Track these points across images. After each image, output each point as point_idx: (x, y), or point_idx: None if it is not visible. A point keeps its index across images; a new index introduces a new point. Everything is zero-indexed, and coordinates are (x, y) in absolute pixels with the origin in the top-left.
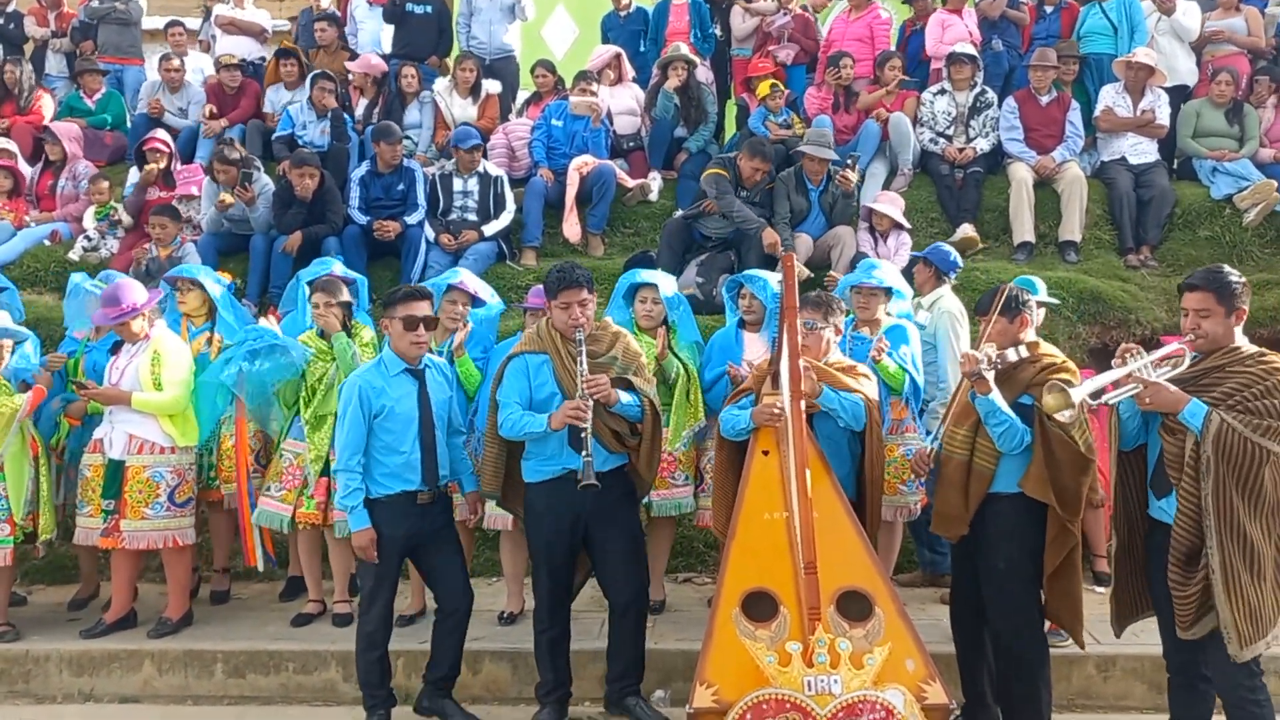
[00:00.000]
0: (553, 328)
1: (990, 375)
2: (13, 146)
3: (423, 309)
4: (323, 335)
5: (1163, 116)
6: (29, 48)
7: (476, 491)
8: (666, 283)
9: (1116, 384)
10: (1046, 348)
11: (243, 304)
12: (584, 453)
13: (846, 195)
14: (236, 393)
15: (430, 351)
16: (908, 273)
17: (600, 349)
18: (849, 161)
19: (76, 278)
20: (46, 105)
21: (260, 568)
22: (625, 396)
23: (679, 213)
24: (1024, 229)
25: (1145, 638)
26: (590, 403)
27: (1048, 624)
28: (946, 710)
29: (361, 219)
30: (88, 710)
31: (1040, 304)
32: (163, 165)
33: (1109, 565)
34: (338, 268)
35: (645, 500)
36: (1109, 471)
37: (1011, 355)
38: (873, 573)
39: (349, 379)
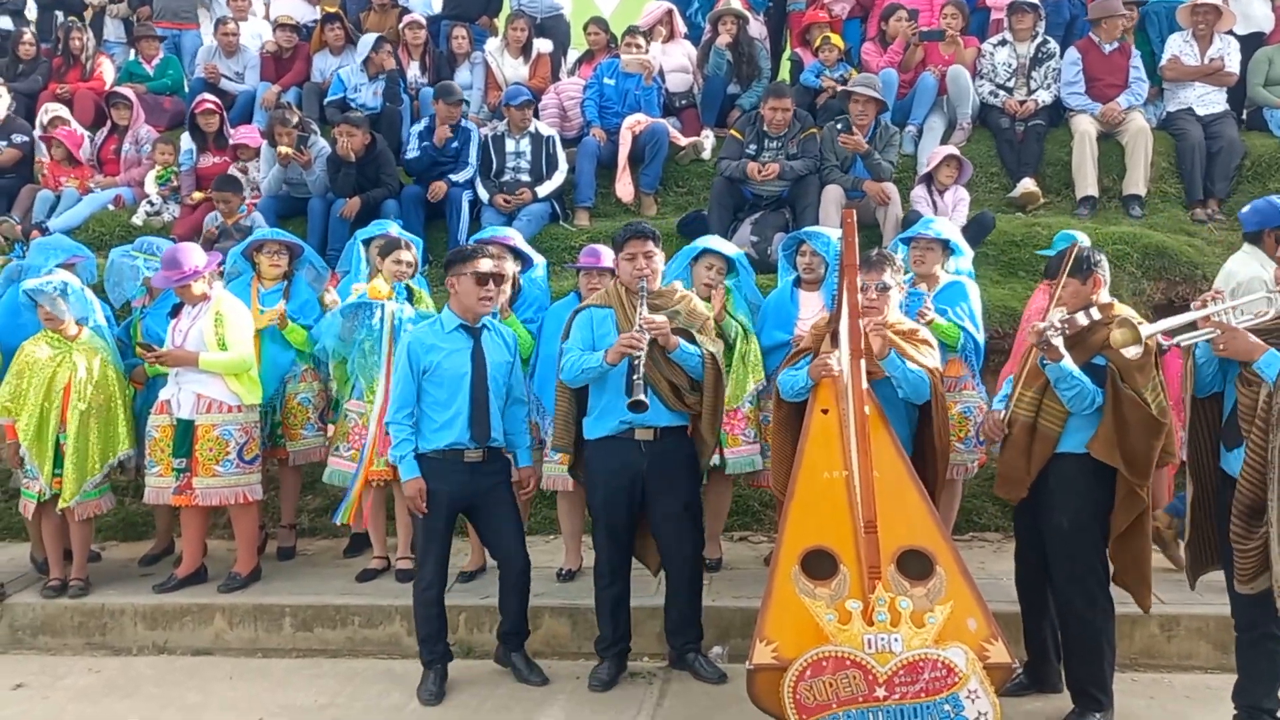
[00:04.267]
0: (619, 283)
1: (1059, 341)
2: (64, 112)
3: (490, 264)
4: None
5: (1232, 64)
6: (88, 15)
7: (531, 467)
8: (732, 250)
9: (1194, 326)
10: (1121, 308)
11: None
12: (635, 375)
13: (864, 155)
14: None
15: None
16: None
17: (664, 303)
18: (838, 125)
19: (115, 252)
20: (107, 71)
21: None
22: (685, 344)
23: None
24: (1087, 183)
25: (1210, 597)
26: (646, 336)
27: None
28: (1009, 669)
29: (414, 154)
30: (162, 662)
31: None
32: (215, 127)
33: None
34: (394, 229)
35: (718, 459)
36: (1177, 430)
37: (1082, 319)
38: (934, 532)
39: (404, 336)
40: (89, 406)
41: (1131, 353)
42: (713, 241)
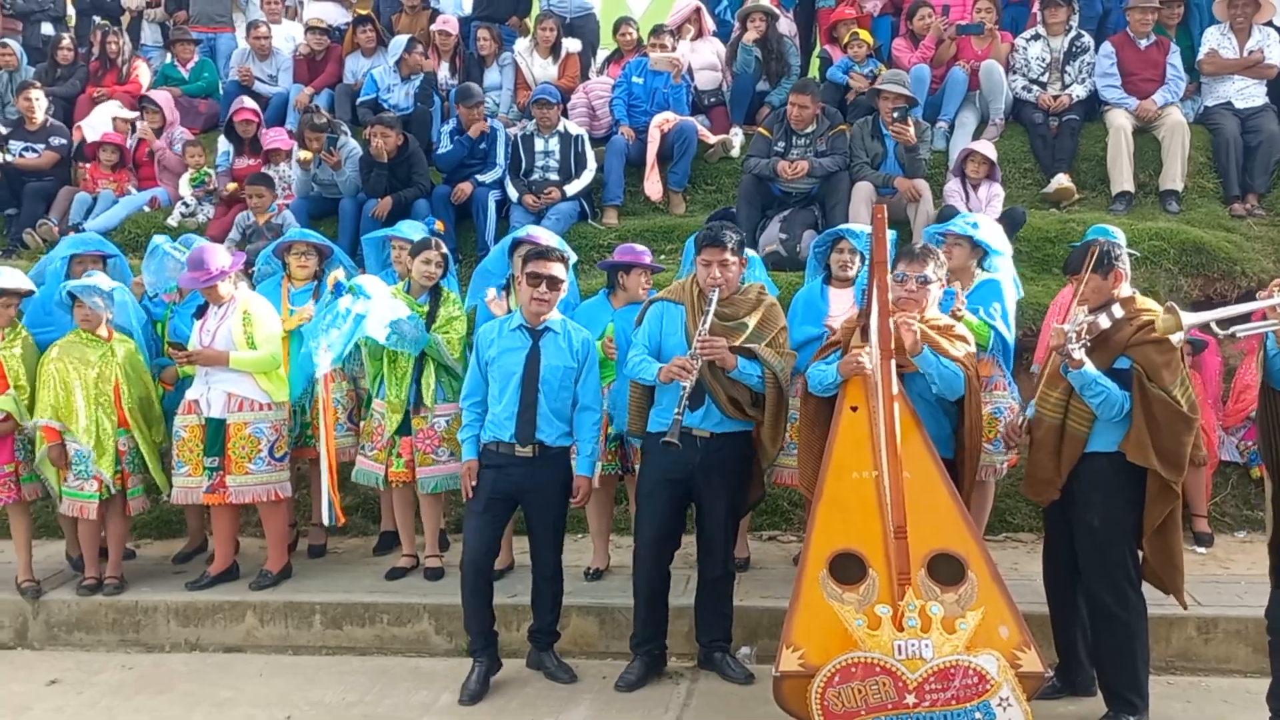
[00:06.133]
0: (696, 282)
1: (1081, 351)
2: (125, 113)
3: (549, 268)
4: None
5: (1272, 56)
6: (126, 19)
7: (586, 476)
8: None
9: (1259, 316)
10: (1144, 301)
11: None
12: (677, 410)
13: (909, 149)
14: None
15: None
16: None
17: (734, 312)
18: (893, 114)
19: (158, 239)
20: (143, 74)
21: (326, 523)
22: (745, 363)
23: (750, 162)
24: (1122, 178)
25: (1249, 599)
26: (699, 363)
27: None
28: (1041, 678)
29: (446, 148)
30: (194, 658)
31: None
32: (252, 133)
33: (1208, 525)
34: (405, 228)
35: None
36: (1214, 429)
37: (1104, 322)
38: (965, 535)
39: (478, 330)
40: (135, 404)
41: (1176, 339)
42: None
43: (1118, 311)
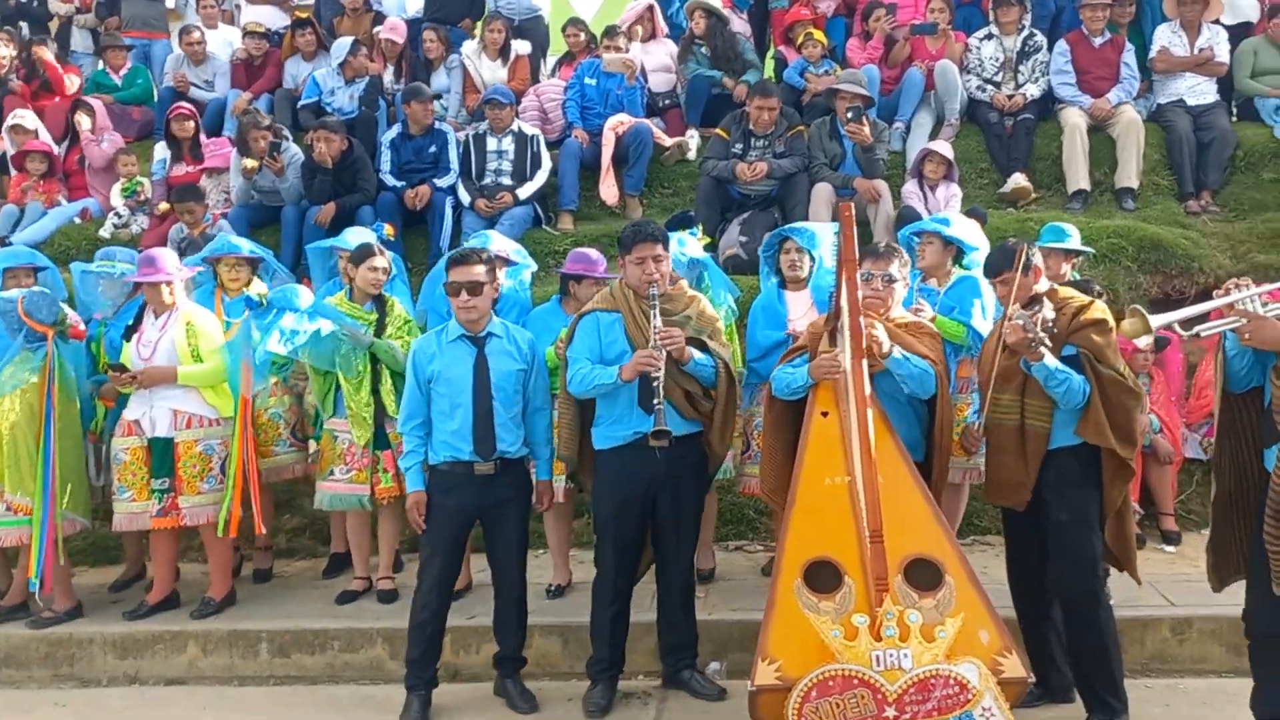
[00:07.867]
0: (625, 285)
1: (1044, 338)
2: (29, 120)
3: (465, 274)
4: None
5: (1221, 54)
6: (54, 25)
7: (548, 481)
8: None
9: (1217, 315)
10: (1065, 291)
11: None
12: (656, 400)
13: (866, 149)
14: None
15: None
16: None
17: (674, 308)
18: (848, 114)
19: (78, 268)
20: (73, 82)
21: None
22: (699, 354)
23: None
24: (1078, 176)
25: (1222, 598)
26: (663, 352)
27: None
28: (1024, 684)
29: (393, 182)
30: (133, 693)
31: (1078, 253)
32: (190, 133)
33: (1176, 523)
34: (352, 235)
35: None
36: (1178, 426)
37: (1049, 313)
38: (941, 539)
39: (412, 344)
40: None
41: (1144, 342)
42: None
43: (1049, 306)
